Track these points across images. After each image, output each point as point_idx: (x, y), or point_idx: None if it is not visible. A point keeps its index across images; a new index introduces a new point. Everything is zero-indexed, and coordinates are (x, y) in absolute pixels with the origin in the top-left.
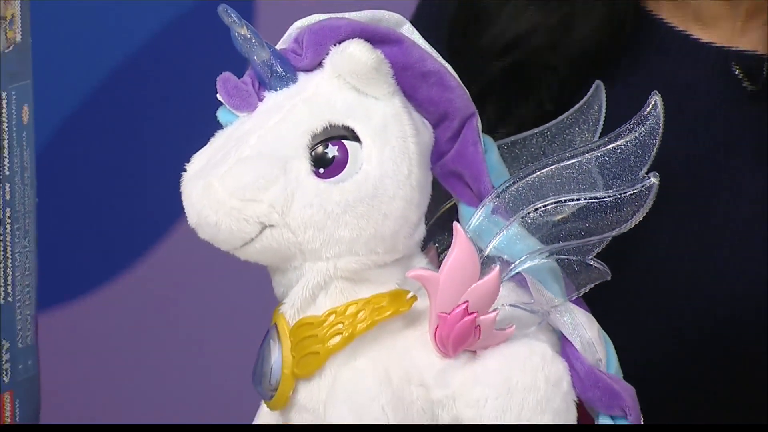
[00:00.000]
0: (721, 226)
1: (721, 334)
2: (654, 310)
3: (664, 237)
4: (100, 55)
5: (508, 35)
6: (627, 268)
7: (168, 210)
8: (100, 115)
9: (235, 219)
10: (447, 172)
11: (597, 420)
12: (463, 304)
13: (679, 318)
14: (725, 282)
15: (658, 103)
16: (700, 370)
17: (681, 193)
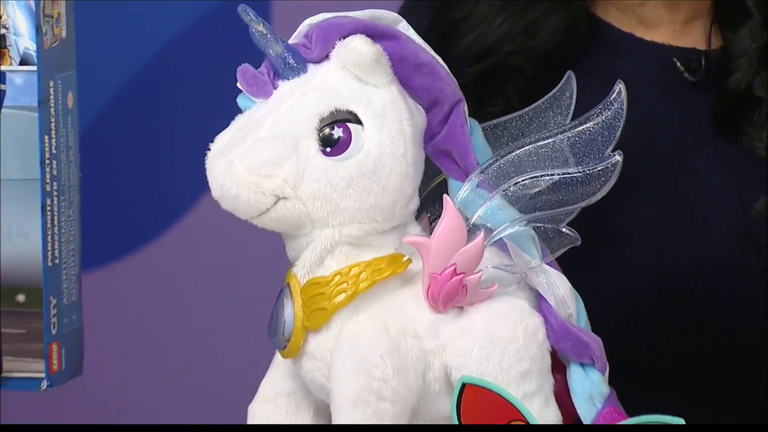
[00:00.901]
0: (676, 196)
1: (677, 291)
2: (618, 271)
3: (627, 208)
4: (135, 48)
5: (479, 45)
6: (595, 234)
7: (194, 184)
8: (135, 101)
9: (253, 192)
10: (438, 151)
11: (569, 367)
12: (452, 266)
13: (639, 278)
14: (682, 246)
15: (622, 90)
16: (659, 323)
17: (640, 169)
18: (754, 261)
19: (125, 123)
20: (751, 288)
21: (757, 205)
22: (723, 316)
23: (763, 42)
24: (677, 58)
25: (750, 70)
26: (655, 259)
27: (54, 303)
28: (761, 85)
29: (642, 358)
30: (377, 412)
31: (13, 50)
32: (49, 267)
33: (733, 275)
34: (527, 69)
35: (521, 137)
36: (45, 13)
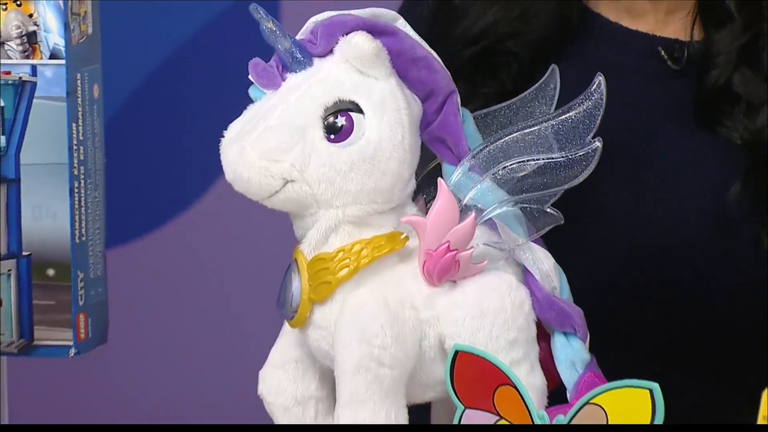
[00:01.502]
0: (653, 179)
1: (651, 267)
2: (597, 247)
3: (606, 189)
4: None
5: (476, 27)
6: (577, 214)
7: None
8: (156, 92)
9: (263, 175)
10: (433, 138)
11: (552, 336)
12: (446, 243)
13: (617, 254)
14: (656, 223)
15: (602, 82)
16: (634, 296)
17: (620, 153)
18: (724, 241)
19: (146, 112)
20: (720, 266)
21: (732, 190)
22: (693, 290)
23: (742, 42)
24: (661, 47)
25: (728, 67)
26: (632, 237)
27: (81, 277)
28: (739, 81)
29: (620, 328)
30: (377, 377)
31: (44, 45)
32: (76, 244)
33: (704, 253)
34: (521, 54)
35: (509, 125)
36: (72, 11)
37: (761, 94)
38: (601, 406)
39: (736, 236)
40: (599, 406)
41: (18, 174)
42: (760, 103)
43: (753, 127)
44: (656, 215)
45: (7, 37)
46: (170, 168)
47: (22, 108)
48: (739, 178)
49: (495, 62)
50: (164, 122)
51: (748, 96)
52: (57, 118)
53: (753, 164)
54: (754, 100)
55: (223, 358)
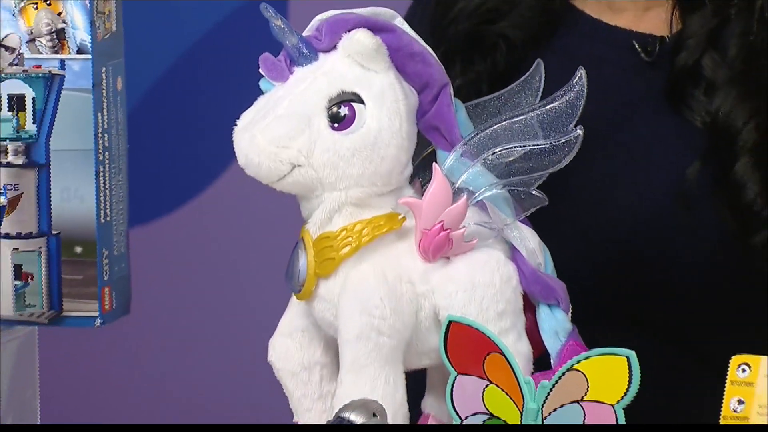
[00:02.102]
0: (627, 162)
1: (624, 240)
2: (579, 226)
3: (587, 173)
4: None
5: (470, 5)
6: (560, 196)
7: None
8: (174, 84)
9: (273, 160)
10: (428, 126)
11: (538, 307)
12: (440, 223)
13: (596, 231)
14: (628, 202)
15: (583, 75)
16: (611, 270)
17: (597, 139)
18: (687, 218)
19: (166, 103)
20: (684, 240)
21: (690, 170)
22: (662, 263)
23: (711, 26)
24: (636, 41)
25: (698, 49)
26: (607, 216)
27: (106, 254)
28: (708, 64)
29: (599, 300)
30: (377, 345)
31: (71, 41)
32: (101, 223)
33: (669, 229)
34: (511, 37)
35: (498, 115)
36: (98, 10)
37: (724, 77)
38: (582, 372)
39: (697, 212)
40: (581, 372)
41: (48, 159)
42: (720, 85)
43: (711, 109)
44: (628, 195)
45: (38, 33)
46: (187, 154)
47: (51, 99)
48: (698, 159)
49: (488, 42)
50: (182, 112)
51: (713, 78)
52: (83, 108)
53: (711, 145)
54: (717, 82)
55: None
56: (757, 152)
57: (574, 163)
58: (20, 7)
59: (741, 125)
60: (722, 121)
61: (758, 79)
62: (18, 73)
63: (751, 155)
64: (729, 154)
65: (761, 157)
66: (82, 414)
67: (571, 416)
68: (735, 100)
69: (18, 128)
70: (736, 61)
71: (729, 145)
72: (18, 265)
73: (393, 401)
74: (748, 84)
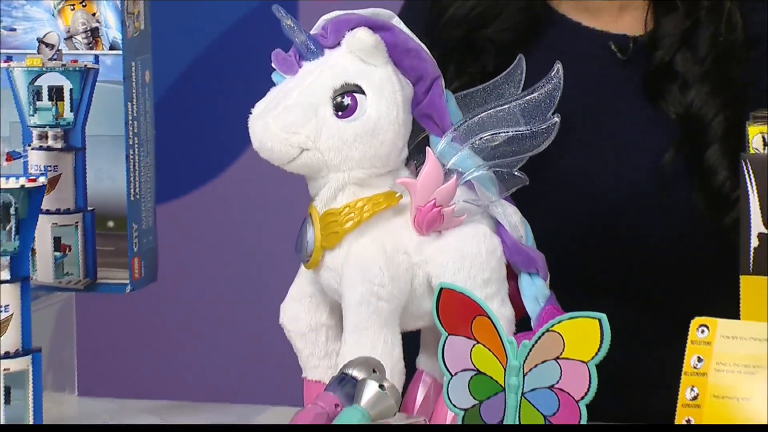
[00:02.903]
0: (605, 147)
1: (603, 218)
2: (560, 203)
3: (567, 155)
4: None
5: (459, 13)
6: (543, 176)
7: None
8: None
9: (284, 145)
10: (422, 115)
11: (519, 276)
12: (433, 200)
13: (575, 208)
14: (606, 183)
15: (560, 69)
16: (589, 243)
17: (579, 126)
18: (661, 198)
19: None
20: (657, 217)
21: (666, 156)
22: (636, 238)
23: (685, 27)
24: (612, 41)
25: (672, 48)
26: (587, 194)
27: (135, 228)
28: (680, 61)
29: (576, 269)
30: (377, 310)
31: (104, 39)
32: (131, 201)
33: (644, 207)
34: (498, 41)
35: (484, 104)
36: (128, 10)
37: (696, 74)
38: (559, 333)
39: (670, 194)
40: (558, 333)
41: (84, 144)
42: (693, 81)
43: (685, 102)
44: (607, 176)
45: (75, 32)
46: (208, 139)
47: (86, 90)
48: (673, 146)
49: (478, 47)
50: (203, 101)
51: (686, 74)
52: (115, 98)
53: (684, 134)
54: (689, 78)
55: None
56: (726, 141)
57: (557, 147)
58: (59, 8)
59: (712, 117)
60: (695, 113)
61: (727, 77)
62: (57, 67)
63: (721, 144)
64: (701, 143)
65: (729, 146)
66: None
67: (549, 372)
68: (706, 95)
69: (57, 116)
70: (706, 60)
71: (701, 135)
72: (57, 238)
73: (391, 359)
74: (718, 81)
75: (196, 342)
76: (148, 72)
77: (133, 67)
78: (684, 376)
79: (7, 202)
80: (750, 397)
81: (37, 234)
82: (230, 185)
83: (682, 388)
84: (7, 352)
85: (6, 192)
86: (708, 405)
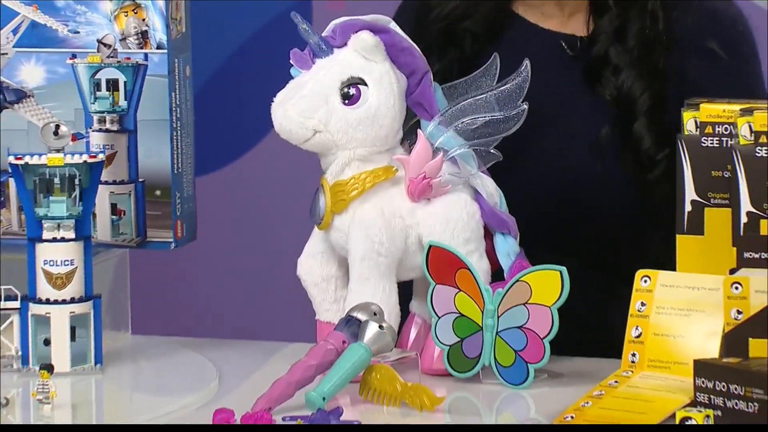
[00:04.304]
0: (559, 128)
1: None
2: (527, 176)
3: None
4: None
5: (444, 11)
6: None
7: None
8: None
9: (300, 128)
10: (414, 103)
11: (494, 235)
12: (423, 173)
13: (538, 180)
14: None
15: (527, 65)
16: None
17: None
18: (602, 168)
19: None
20: (600, 185)
21: (603, 132)
22: (585, 203)
23: (616, 25)
24: (563, 41)
25: (606, 43)
26: (545, 167)
27: (178, 196)
28: (614, 52)
29: (542, 230)
30: (377, 264)
31: (152, 40)
32: (175, 173)
33: (589, 175)
34: (473, 31)
35: (465, 94)
36: (172, 16)
37: (626, 61)
38: (527, 283)
39: (608, 163)
40: (526, 283)
41: (135, 127)
42: (623, 67)
43: (617, 84)
44: (560, 152)
45: (128, 34)
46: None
47: (138, 82)
48: (608, 123)
49: (457, 36)
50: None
51: (618, 63)
52: (161, 89)
53: (618, 114)
54: (620, 65)
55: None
56: (651, 115)
57: (524, 130)
58: (114, 14)
59: (638, 95)
60: (625, 93)
61: (651, 62)
62: (113, 63)
63: (646, 117)
64: (630, 117)
65: (654, 119)
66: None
67: (519, 315)
68: (634, 77)
69: (113, 104)
70: (634, 50)
71: (630, 111)
72: (114, 204)
73: (388, 304)
74: (644, 66)
75: (227, 290)
76: (189, 67)
77: (176, 64)
78: (630, 317)
79: (73, 175)
80: (684, 335)
81: (98, 201)
82: (256, 160)
83: (629, 327)
84: (72, 298)
85: (72, 166)
86: (650, 341)
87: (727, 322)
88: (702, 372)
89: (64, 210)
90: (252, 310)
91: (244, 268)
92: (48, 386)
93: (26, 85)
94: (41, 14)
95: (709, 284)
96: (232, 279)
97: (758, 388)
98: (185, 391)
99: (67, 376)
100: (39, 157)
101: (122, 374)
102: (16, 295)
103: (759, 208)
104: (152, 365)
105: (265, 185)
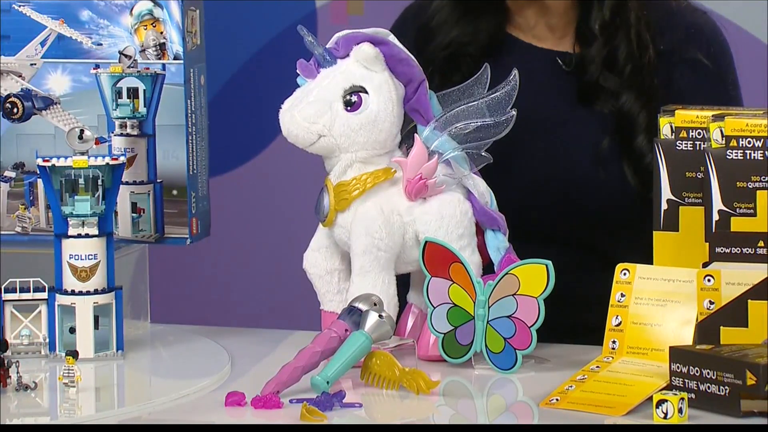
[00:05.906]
0: (555, 137)
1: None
2: (521, 178)
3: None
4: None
5: (447, 39)
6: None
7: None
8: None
9: (306, 132)
10: (411, 109)
11: (485, 232)
12: (419, 174)
13: (533, 182)
14: (557, 163)
15: (516, 74)
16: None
17: (534, 122)
18: (600, 174)
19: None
20: (597, 189)
21: (604, 142)
22: (581, 206)
23: (604, 55)
24: (558, 57)
25: (596, 72)
26: (542, 172)
27: (193, 195)
28: (604, 80)
29: (531, 227)
30: (377, 257)
31: (170, 52)
32: (190, 174)
33: (587, 181)
34: (473, 56)
35: (458, 101)
36: (187, 30)
37: (617, 86)
38: (515, 275)
39: (607, 171)
40: (515, 275)
41: (154, 131)
42: (619, 91)
43: (617, 105)
44: (557, 158)
45: (147, 46)
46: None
47: (156, 90)
48: (608, 135)
49: (458, 62)
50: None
51: (612, 88)
52: (178, 97)
53: (617, 126)
54: (614, 89)
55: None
56: (649, 131)
57: (518, 137)
58: (135, 28)
59: (637, 114)
60: (626, 111)
61: (644, 83)
62: (133, 72)
63: (646, 134)
64: (630, 133)
65: (652, 135)
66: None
67: (508, 305)
68: (633, 99)
69: (133, 110)
70: (624, 73)
71: (629, 127)
72: (134, 203)
73: (387, 295)
74: (638, 88)
75: (239, 282)
76: (203, 77)
77: (192, 73)
78: (610, 308)
79: (96, 176)
80: (661, 323)
81: (119, 200)
82: (265, 163)
83: (609, 317)
84: (96, 290)
85: (95, 168)
86: (629, 329)
87: (700, 312)
88: (677, 358)
89: (88, 208)
90: (261, 301)
91: (254, 262)
92: (73, 371)
93: (53, 93)
94: (67, 27)
95: (683, 277)
96: (243, 272)
97: (729, 372)
98: (200, 375)
99: (91, 362)
100: (65, 159)
101: (142, 359)
102: (44, 287)
103: (729, 206)
104: (170, 351)
105: (274, 185)
